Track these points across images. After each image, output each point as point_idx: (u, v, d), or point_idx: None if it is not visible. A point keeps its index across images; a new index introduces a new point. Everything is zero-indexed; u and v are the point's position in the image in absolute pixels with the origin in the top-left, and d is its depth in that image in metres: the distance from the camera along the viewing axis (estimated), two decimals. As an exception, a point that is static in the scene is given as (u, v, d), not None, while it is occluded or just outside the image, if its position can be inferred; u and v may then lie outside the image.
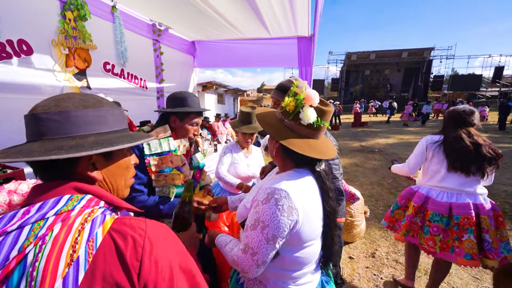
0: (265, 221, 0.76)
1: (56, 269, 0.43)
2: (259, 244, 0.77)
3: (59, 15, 2.74)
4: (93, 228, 0.49)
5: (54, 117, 0.54)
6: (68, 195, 0.52)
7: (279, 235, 0.76)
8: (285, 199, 0.76)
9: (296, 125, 0.84)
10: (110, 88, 3.49)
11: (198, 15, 3.58)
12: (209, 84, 10.75)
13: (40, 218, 0.48)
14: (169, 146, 1.29)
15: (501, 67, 21.81)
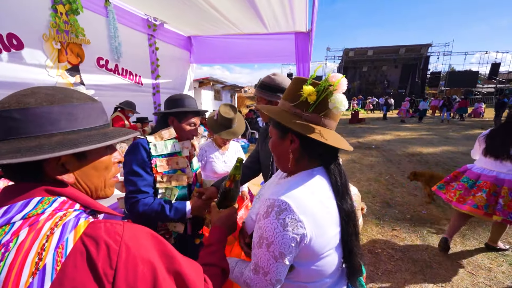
0: (269, 237, 0.68)
1: (18, 280, 0.39)
2: (268, 263, 0.70)
3: (50, 9, 2.66)
4: (64, 233, 0.44)
5: (13, 115, 0.47)
6: (39, 197, 0.48)
7: (286, 252, 0.68)
8: (286, 211, 0.67)
9: (318, 117, 0.74)
10: (104, 84, 3.43)
11: (194, 10, 3.51)
12: (206, 80, 10.65)
13: (5, 223, 0.43)
14: (174, 148, 1.30)
15: (497, 63, 21.92)
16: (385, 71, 27.60)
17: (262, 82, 1.40)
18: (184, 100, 1.35)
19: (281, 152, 0.80)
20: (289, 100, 0.77)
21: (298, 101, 0.74)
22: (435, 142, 8.50)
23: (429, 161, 6.01)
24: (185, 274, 0.54)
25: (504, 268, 2.31)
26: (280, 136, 0.79)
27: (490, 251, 2.56)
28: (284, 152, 0.79)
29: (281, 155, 0.81)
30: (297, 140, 0.75)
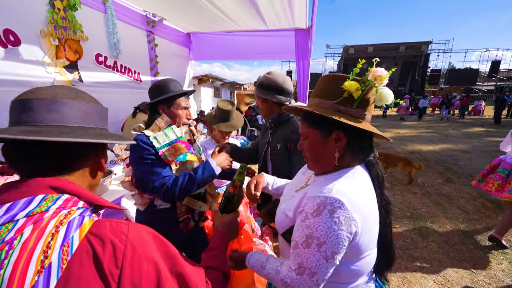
0: (320, 237, 0.65)
1: (24, 278, 0.39)
2: (318, 264, 0.67)
3: (47, 4, 2.62)
4: (69, 232, 0.44)
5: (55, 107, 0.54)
6: (42, 195, 0.47)
7: (339, 252, 0.66)
8: (340, 209, 0.65)
9: (363, 111, 0.74)
10: (103, 81, 3.40)
11: (193, 6, 3.47)
12: (205, 77, 10.59)
13: (9, 220, 0.43)
14: (175, 134, 1.28)
15: (497, 61, 21.87)
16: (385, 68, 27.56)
17: (259, 81, 1.43)
18: (169, 85, 1.31)
19: (323, 151, 0.76)
20: (328, 98, 0.75)
21: (340, 97, 0.72)
22: (434, 140, 8.51)
23: (428, 159, 6.01)
24: (187, 275, 0.55)
25: (504, 266, 2.32)
26: (323, 135, 0.75)
27: (490, 248, 2.57)
28: (327, 152, 0.76)
29: (322, 155, 0.77)
30: (345, 137, 0.74)
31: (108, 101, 3.93)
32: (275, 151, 1.44)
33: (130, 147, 1.25)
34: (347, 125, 0.71)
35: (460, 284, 2.12)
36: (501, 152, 2.78)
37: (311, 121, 0.78)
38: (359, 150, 0.76)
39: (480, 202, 3.63)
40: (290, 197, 0.87)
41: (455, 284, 2.12)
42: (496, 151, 6.59)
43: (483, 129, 10.37)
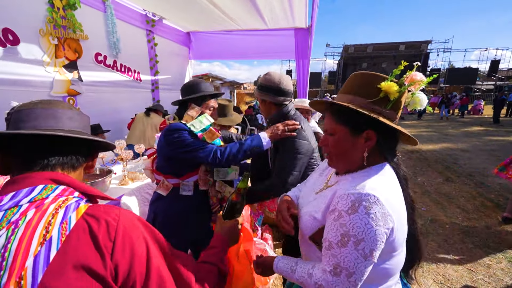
0: (358, 234, 0.63)
1: (28, 248, 0.45)
2: (356, 263, 0.64)
3: (46, 4, 2.62)
4: (67, 213, 0.51)
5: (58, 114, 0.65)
6: (43, 185, 0.54)
7: (377, 249, 0.63)
8: (376, 205, 0.63)
9: (395, 114, 0.74)
10: (103, 81, 3.39)
11: (192, 5, 3.46)
12: (205, 76, 10.59)
13: (14, 205, 0.50)
14: (208, 120, 1.37)
15: (497, 60, 21.85)
16: (384, 67, 27.50)
17: (259, 84, 1.47)
18: (201, 85, 1.42)
19: (351, 149, 0.75)
20: (363, 96, 0.73)
21: (376, 97, 0.71)
22: (434, 139, 8.51)
23: (428, 158, 6.02)
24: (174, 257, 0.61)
25: (503, 265, 2.32)
26: (353, 133, 0.74)
27: (489, 247, 2.57)
28: (355, 150, 0.74)
29: (349, 153, 0.76)
30: (375, 137, 0.73)
31: (108, 100, 3.96)
32: (272, 150, 1.47)
33: (166, 132, 1.30)
34: (380, 125, 0.70)
35: (460, 283, 2.13)
36: (502, 151, 2.79)
37: (341, 118, 0.76)
38: (387, 151, 0.76)
39: (479, 201, 3.64)
40: (312, 199, 0.86)
41: (455, 283, 2.13)
42: (496, 150, 6.59)
43: (483, 128, 10.38)
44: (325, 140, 0.80)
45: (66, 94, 2.91)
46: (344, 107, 0.73)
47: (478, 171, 4.92)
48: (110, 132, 3.16)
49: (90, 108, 3.22)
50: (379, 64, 27.64)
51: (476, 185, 4.22)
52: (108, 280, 0.48)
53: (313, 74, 25.34)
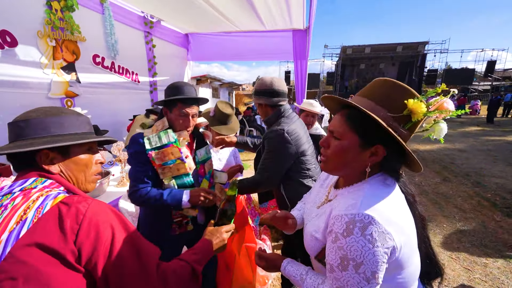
0: (356, 258, 0.61)
1: (6, 226, 0.56)
2: (359, 286, 0.62)
3: (44, 5, 2.62)
4: (45, 200, 0.61)
5: (19, 124, 0.69)
6: (34, 177, 0.66)
7: (379, 270, 0.61)
8: (372, 225, 0.60)
9: (409, 135, 0.68)
10: (101, 82, 3.39)
11: (190, 7, 3.48)
12: (203, 77, 10.59)
13: (8, 192, 0.62)
14: (168, 138, 1.24)
15: (493, 61, 22.03)
16: (382, 68, 27.63)
17: (255, 89, 1.51)
18: (177, 88, 1.26)
19: (352, 160, 0.70)
20: (386, 107, 0.67)
21: (399, 113, 0.66)
22: (431, 139, 8.56)
23: (426, 158, 6.06)
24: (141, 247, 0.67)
25: (500, 264, 2.34)
26: (362, 145, 0.68)
27: (486, 246, 2.59)
28: (358, 162, 0.70)
29: (351, 164, 0.71)
30: (383, 154, 0.68)
31: (106, 102, 3.95)
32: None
33: (129, 141, 1.28)
34: (393, 143, 0.66)
35: (457, 282, 2.14)
36: (498, 151, 2.78)
37: (355, 124, 0.69)
38: (389, 168, 0.72)
39: (476, 200, 3.67)
40: (315, 215, 0.83)
41: (452, 282, 2.14)
42: (493, 150, 6.64)
43: (480, 128, 10.46)
44: (327, 141, 0.74)
45: (64, 96, 2.91)
46: (365, 114, 0.66)
47: (475, 171, 4.95)
48: (108, 134, 3.16)
49: (88, 109, 3.21)
50: (377, 65, 27.78)
51: (473, 185, 4.25)
52: (68, 258, 0.56)
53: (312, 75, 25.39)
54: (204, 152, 1.44)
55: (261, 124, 9.32)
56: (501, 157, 5.75)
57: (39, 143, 0.67)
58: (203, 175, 1.42)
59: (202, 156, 1.42)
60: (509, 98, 13.42)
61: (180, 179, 1.28)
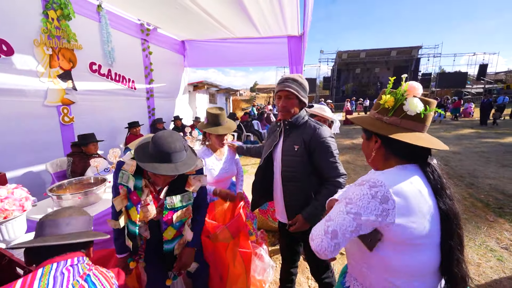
0: (353, 198, 0.74)
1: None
2: (338, 213, 0.76)
3: (41, 14, 2.66)
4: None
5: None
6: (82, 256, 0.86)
7: (364, 215, 0.71)
8: (381, 188, 0.71)
9: (399, 119, 0.82)
10: (97, 90, 3.42)
11: (186, 15, 3.54)
12: (200, 84, 10.64)
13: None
14: (132, 185, 1.19)
15: (485, 64, 22.48)
16: (377, 73, 28.01)
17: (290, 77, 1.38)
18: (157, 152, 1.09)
19: (368, 151, 0.91)
20: (375, 109, 0.90)
21: (379, 108, 0.87)
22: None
23: (421, 161, 6.12)
24: None
25: (492, 264, 2.37)
26: (367, 138, 0.91)
27: (479, 247, 2.63)
28: (370, 151, 0.89)
29: (368, 154, 0.91)
30: (379, 140, 0.85)
31: (103, 109, 3.97)
32: (290, 152, 1.40)
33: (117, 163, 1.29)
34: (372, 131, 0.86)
35: (452, 283, 2.16)
36: (492, 152, 2.81)
37: (363, 128, 0.93)
38: (400, 153, 0.82)
39: (470, 202, 3.71)
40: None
41: (447, 283, 2.16)
42: (486, 151, 6.74)
43: (473, 131, 10.60)
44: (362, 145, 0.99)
45: (60, 104, 2.92)
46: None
47: (469, 173, 5.02)
48: (105, 141, 3.17)
49: (85, 117, 3.23)
50: (372, 69, 28.17)
51: (467, 186, 4.30)
52: None
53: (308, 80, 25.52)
54: (179, 200, 1.26)
55: (259, 129, 9.36)
56: (494, 158, 5.84)
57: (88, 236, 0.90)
58: (169, 223, 1.26)
59: (174, 204, 1.25)
60: (502, 101, 13.67)
61: (130, 223, 1.24)
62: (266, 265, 2.00)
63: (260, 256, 2.00)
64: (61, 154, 2.88)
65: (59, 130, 2.94)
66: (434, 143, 0.79)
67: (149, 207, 1.23)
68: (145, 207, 1.22)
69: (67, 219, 0.88)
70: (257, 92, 29.64)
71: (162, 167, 1.07)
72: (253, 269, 1.85)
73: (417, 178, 0.77)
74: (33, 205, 1.41)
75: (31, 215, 1.64)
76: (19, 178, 2.54)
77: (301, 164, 1.39)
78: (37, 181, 2.67)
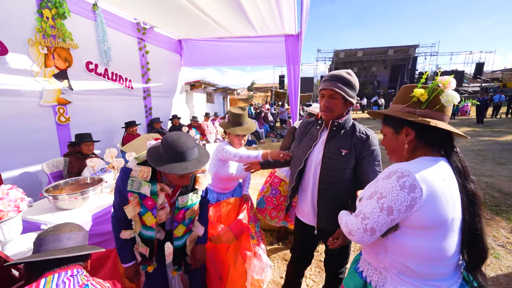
0: (383, 192, 0.78)
1: None
2: (372, 211, 0.79)
3: (35, 13, 2.63)
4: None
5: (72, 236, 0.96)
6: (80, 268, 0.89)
7: (395, 207, 0.75)
8: (408, 177, 0.75)
9: (432, 112, 0.85)
10: (94, 89, 3.39)
11: (182, 14, 3.52)
12: (197, 83, 10.60)
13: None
14: (148, 191, 1.18)
15: (481, 63, 22.62)
16: (374, 71, 28.09)
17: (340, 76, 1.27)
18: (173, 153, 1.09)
19: (396, 145, 0.91)
20: (400, 103, 0.91)
21: (409, 102, 0.88)
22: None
23: (418, 159, 6.15)
24: None
25: (489, 261, 2.39)
26: (395, 132, 0.91)
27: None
28: (400, 145, 0.90)
29: (396, 148, 0.92)
30: (413, 132, 0.86)
31: (99, 109, 3.93)
32: (335, 155, 1.31)
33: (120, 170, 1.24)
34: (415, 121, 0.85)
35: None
36: (488, 150, 2.81)
37: (387, 122, 0.95)
38: (432, 143, 0.85)
39: (467, 200, 3.74)
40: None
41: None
42: (482, 149, 6.79)
43: (470, 129, 10.67)
44: (383, 141, 0.99)
45: (56, 103, 2.90)
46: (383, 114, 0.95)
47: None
48: (102, 140, 3.14)
49: (81, 116, 3.20)
50: (369, 68, 28.25)
51: (464, 184, 4.34)
52: None
53: (305, 79, 25.62)
54: (189, 198, 1.30)
55: (256, 129, 9.35)
56: (490, 156, 5.88)
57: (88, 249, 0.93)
58: (180, 221, 1.30)
59: (185, 203, 1.29)
60: (498, 99, 13.77)
61: (145, 229, 1.24)
62: (264, 264, 2.00)
63: (258, 255, 2.00)
64: (57, 154, 2.86)
65: (55, 130, 2.91)
66: (458, 131, 0.86)
67: (165, 210, 1.26)
68: (161, 210, 1.25)
69: (68, 234, 0.93)
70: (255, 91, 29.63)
71: (188, 165, 1.09)
72: (251, 269, 1.84)
73: (441, 166, 0.81)
74: (28, 205, 1.39)
75: (27, 216, 1.62)
76: (15, 178, 2.51)
77: (346, 169, 1.30)
78: (33, 182, 2.65)
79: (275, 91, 24.53)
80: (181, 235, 1.33)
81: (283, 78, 23.61)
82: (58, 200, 1.71)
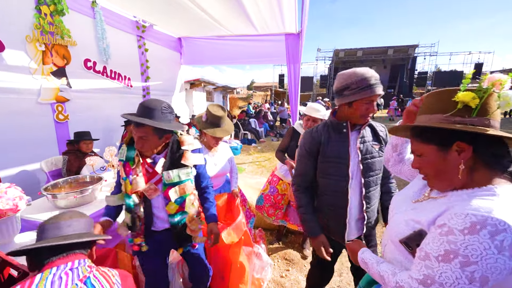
0: (472, 256, 0.57)
1: None
2: (456, 282, 0.59)
3: (33, 10, 2.59)
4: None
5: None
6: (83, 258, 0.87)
7: (492, 277, 0.56)
8: (506, 233, 0.55)
9: (486, 119, 0.67)
10: (93, 87, 3.36)
11: (182, 12, 3.49)
12: (197, 81, 10.56)
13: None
14: (124, 156, 1.30)
15: (480, 63, 22.69)
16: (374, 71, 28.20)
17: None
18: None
19: (445, 167, 0.71)
20: (440, 112, 0.72)
21: (454, 110, 0.69)
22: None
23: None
24: None
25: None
26: (442, 149, 0.71)
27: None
28: (451, 166, 0.70)
29: (444, 171, 0.72)
30: (469, 146, 0.67)
31: (98, 107, 3.91)
32: (371, 153, 1.25)
33: None
34: (470, 134, 0.66)
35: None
36: None
37: (424, 137, 0.74)
38: (495, 159, 0.68)
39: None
40: (410, 208, 0.81)
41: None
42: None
43: (469, 129, 10.71)
44: (417, 163, 0.78)
45: (54, 101, 2.87)
46: (421, 127, 0.73)
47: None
48: (101, 138, 3.12)
49: (80, 114, 3.18)
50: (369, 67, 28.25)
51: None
52: None
53: (305, 78, 25.63)
54: (176, 174, 1.28)
55: (256, 127, 9.34)
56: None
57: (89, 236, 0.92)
58: (169, 198, 1.29)
59: (171, 179, 1.27)
60: (496, 99, 13.85)
61: (126, 197, 1.28)
62: (265, 263, 2.00)
63: (258, 254, 2.00)
64: (55, 153, 2.84)
65: (54, 128, 2.89)
66: None
67: (138, 179, 1.25)
68: (135, 178, 1.25)
69: (68, 221, 0.90)
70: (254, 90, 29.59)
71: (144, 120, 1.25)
72: (251, 267, 1.84)
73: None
74: (27, 204, 1.37)
75: (25, 214, 1.60)
76: (13, 177, 2.49)
77: (382, 164, 1.24)
78: (31, 180, 2.62)
79: (275, 90, 24.50)
80: (173, 212, 1.31)
81: (283, 77, 23.59)
82: (57, 199, 1.69)
